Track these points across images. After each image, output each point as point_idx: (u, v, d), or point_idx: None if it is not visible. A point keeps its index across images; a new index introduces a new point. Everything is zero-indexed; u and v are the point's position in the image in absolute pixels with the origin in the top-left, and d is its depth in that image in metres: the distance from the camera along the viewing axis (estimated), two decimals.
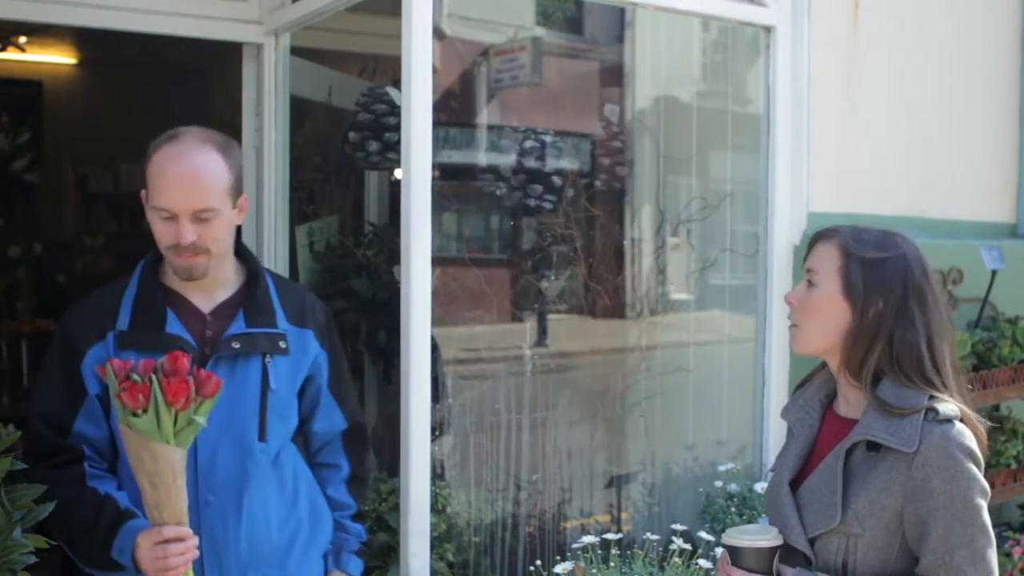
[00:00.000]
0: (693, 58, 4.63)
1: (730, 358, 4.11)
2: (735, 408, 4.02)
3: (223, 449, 2.18)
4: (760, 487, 3.48)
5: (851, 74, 3.97)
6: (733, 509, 3.48)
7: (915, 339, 1.86)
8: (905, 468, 1.79)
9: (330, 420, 2.44)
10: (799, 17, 3.82)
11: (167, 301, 2.23)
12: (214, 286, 2.28)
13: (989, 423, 1.95)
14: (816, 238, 2.00)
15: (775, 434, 3.79)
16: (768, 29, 3.80)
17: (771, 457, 3.78)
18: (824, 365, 2.04)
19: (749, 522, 3.40)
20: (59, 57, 7.19)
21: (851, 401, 1.96)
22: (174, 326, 2.18)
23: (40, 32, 6.44)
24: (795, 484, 1.95)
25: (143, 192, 2.18)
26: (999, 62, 4.45)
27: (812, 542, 1.86)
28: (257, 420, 2.21)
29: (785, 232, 3.81)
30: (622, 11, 5.15)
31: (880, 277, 1.88)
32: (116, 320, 2.17)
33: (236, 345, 2.20)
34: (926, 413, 1.81)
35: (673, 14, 4.00)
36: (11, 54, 6.58)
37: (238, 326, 2.24)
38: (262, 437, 2.21)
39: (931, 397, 1.84)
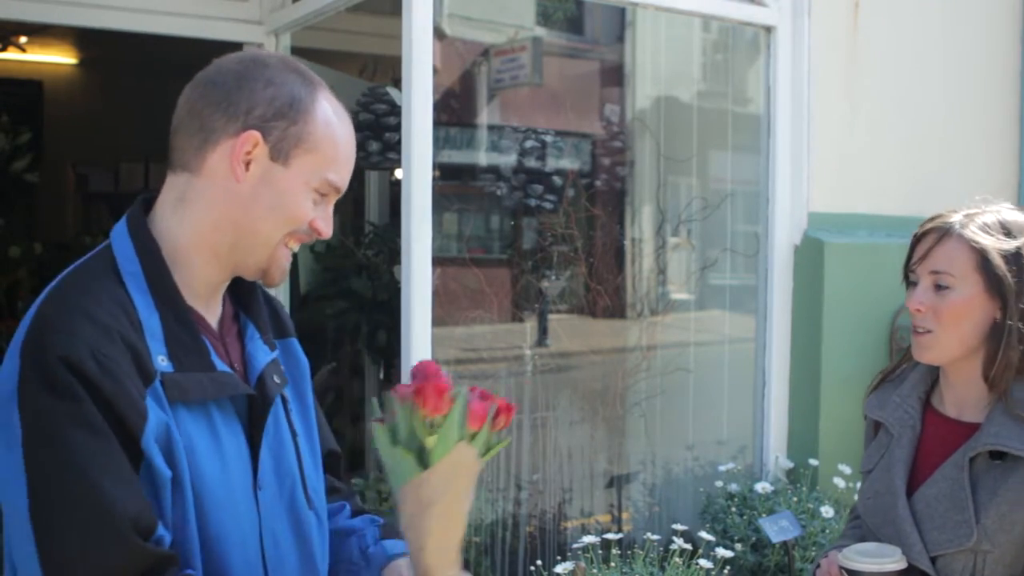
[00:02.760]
0: (693, 58, 4.63)
1: (730, 358, 4.11)
2: (735, 408, 4.02)
3: (283, 529, 1.48)
4: (761, 487, 3.48)
5: (851, 74, 3.97)
6: (734, 509, 3.48)
7: None
8: None
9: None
10: (799, 17, 3.82)
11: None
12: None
13: None
14: (928, 236, 1.79)
15: (775, 434, 3.80)
16: (768, 29, 3.80)
17: (771, 457, 3.78)
18: (910, 357, 1.85)
19: (750, 522, 3.40)
20: (59, 57, 7.19)
21: (967, 402, 1.78)
22: (215, 358, 1.41)
23: (41, 32, 6.44)
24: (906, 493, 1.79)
25: (260, 143, 1.39)
26: (999, 62, 4.45)
27: (933, 560, 1.70)
28: (300, 481, 1.51)
29: (785, 232, 3.81)
30: (622, 11, 5.15)
31: (1019, 265, 1.71)
32: (151, 356, 1.34)
33: (276, 380, 1.50)
34: None
35: (673, 14, 4.01)
36: (12, 54, 6.58)
37: (261, 350, 1.51)
38: (309, 504, 1.54)
39: None
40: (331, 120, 1.43)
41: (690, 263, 4.37)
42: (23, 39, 6.55)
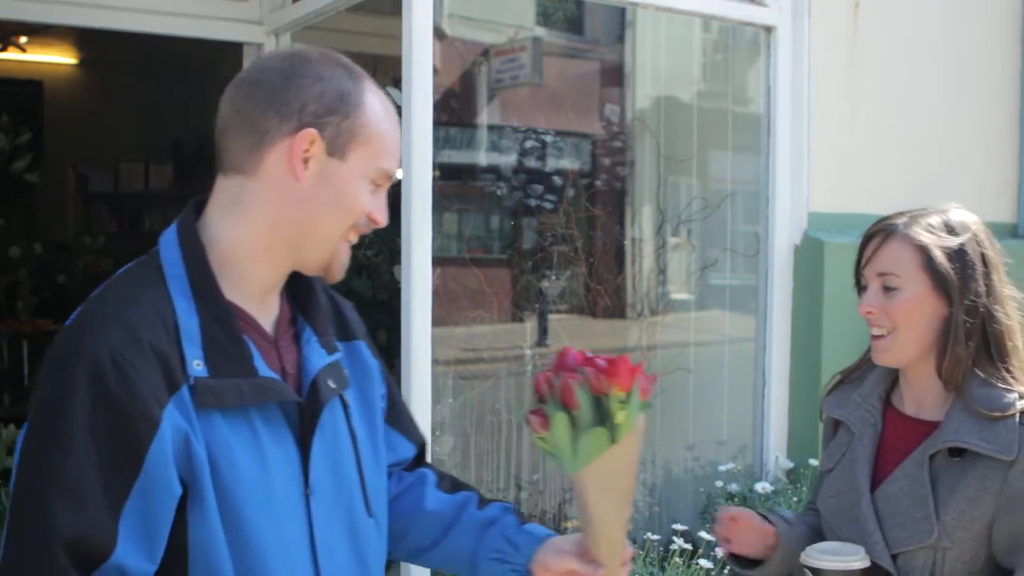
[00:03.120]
0: (693, 58, 4.63)
1: (730, 358, 4.11)
2: (735, 408, 4.01)
3: (338, 536, 1.46)
4: (761, 487, 3.48)
5: (851, 74, 3.97)
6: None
7: (1006, 318, 1.72)
8: (1000, 477, 1.64)
9: (396, 452, 1.71)
10: (799, 17, 3.82)
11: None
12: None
13: None
14: (874, 239, 1.80)
15: (775, 434, 3.80)
16: (768, 29, 3.80)
17: (771, 457, 3.78)
18: (869, 359, 1.85)
19: None
20: (60, 57, 7.20)
21: (926, 401, 1.78)
22: (259, 363, 1.38)
23: (41, 32, 6.44)
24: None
25: (317, 140, 1.37)
26: (999, 62, 4.45)
27: (894, 557, 1.70)
28: (359, 487, 1.49)
29: (785, 232, 3.81)
30: (622, 11, 5.15)
31: (963, 263, 1.73)
32: (184, 360, 1.31)
33: (332, 385, 1.47)
34: (1021, 416, 1.66)
35: (673, 14, 4.00)
36: (12, 54, 6.58)
37: (317, 353, 1.48)
38: (369, 510, 1.51)
39: (1020, 396, 1.68)
40: (380, 110, 1.43)
41: (690, 263, 4.37)
42: (23, 39, 6.55)
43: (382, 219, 1.45)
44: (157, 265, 1.37)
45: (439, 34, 4.85)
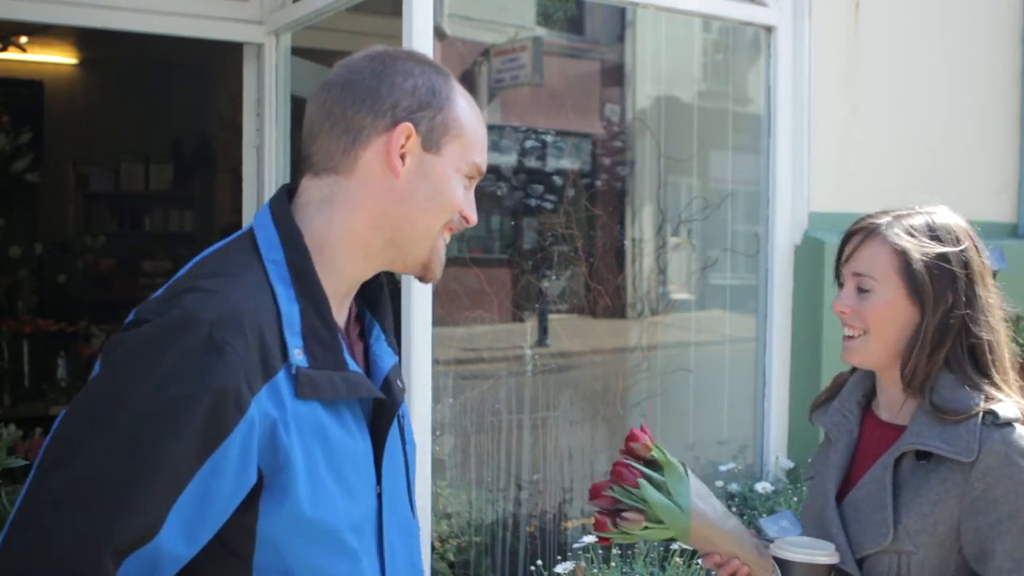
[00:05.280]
0: (694, 58, 4.63)
1: (731, 358, 4.11)
2: (736, 408, 4.02)
3: (396, 532, 1.44)
4: (761, 487, 3.49)
5: (851, 74, 3.97)
6: (734, 509, 3.48)
7: (988, 329, 1.68)
8: (962, 479, 1.61)
9: None
10: (800, 17, 3.82)
11: None
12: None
13: None
14: (854, 237, 1.76)
15: (776, 434, 3.80)
16: (769, 29, 3.80)
17: (772, 457, 3.78)
18: (854, 369, 1.84)
19: (750, 522, 3.40)
20: (60, 57, 7.20)
21: (897, 405, 1.76)
22: (347, 356, 1.35)
23: (41, 32, 6.45)
24: (838, 497, 1.76)
25: (413, 134, 1.37)
26: (999, 62, 4.45)
27: (860, 563, 1.68)
28: (406, 487, 1.50)
29: (786, 232, 3.81)
30: (623, 11, 5.16)
31: (943, 271, 1.68)
32: (285, 347, 1.27)
33: (400, 385, 1.48)
34: (983, 417, 1.62)
35: (674, 14, 4.00)
36: (12, 54, 6.58)
37: (386, 352, 1.47)
38: (413, 511, 1.52)
39: (987, 398, 1.65)
40: (468, 105, 1.43)
41: (690, 263, 4.37)
42: (24, 39, 6.55)
43: (473, 217, 1.44)
44: (254, 247, 1.33)
45: (439, 34, 4.86)
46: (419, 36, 2.89)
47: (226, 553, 1.24)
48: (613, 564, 3.03)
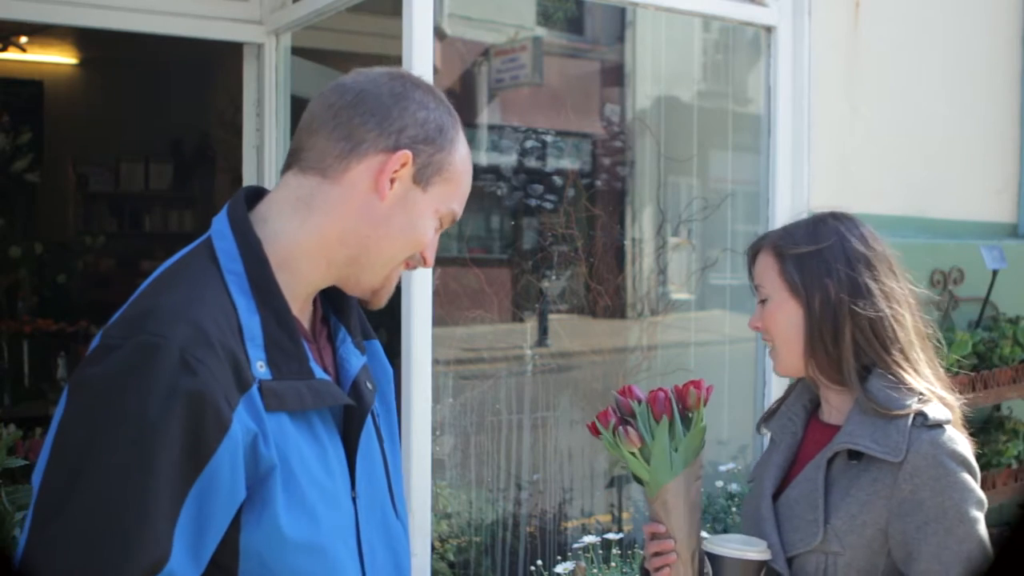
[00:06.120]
0: (694, 58, 4.63)
1: (731, 358, 4.11)
2: (735, 408, 4.02)
3: (377, 538, 1.45)
4: None
5: (851, 74, 3.97)
6: (734, 509, 3.48)
7: (879, 308, 1.71)
8: (891, 480, 1.62)
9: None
10: (800, 17, 3.82)
11: None
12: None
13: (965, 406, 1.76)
14: (752, 252, 1.85)
15: None
16: (769, 29, 3.80)
17: None
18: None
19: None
20: (60, 57, 7.20)
21: (835, 405, 1.78)
22: (313, 364, 1.36)
23: (41, 32, 6.45)
24: (775, 497, 1.78)
25: (410, 164, 1.38)
26: (999, 62, 4.45)
27: (790, 561, 1.68)
28: (387, 488, 1.50)
29: None
30: (623, 11, 5.16)
31: (818, 264, 1.74)
32: (249, 361, 1.27)
33: (369, 386, 1.47)
34: (914, 418, 1.64)
35: (674, 14, 4.00)
36: (12, 54, 6.58)
37: (353, 354, 1.48)
38: (396, 511, 1.52)
39: (920, 399, 1.66)
40: (466, 155, 1.45)
41: (690, 263, 4.37)
42: (23, 39, 6.55)
43: (431, 260, 1.46)
44: (213, 258, 1.32)
45: (439, 34, 4.86)
46: (419, 36, 2.89)
47: (212, 567, 1.24)
48: (613, 564, 3.03)
